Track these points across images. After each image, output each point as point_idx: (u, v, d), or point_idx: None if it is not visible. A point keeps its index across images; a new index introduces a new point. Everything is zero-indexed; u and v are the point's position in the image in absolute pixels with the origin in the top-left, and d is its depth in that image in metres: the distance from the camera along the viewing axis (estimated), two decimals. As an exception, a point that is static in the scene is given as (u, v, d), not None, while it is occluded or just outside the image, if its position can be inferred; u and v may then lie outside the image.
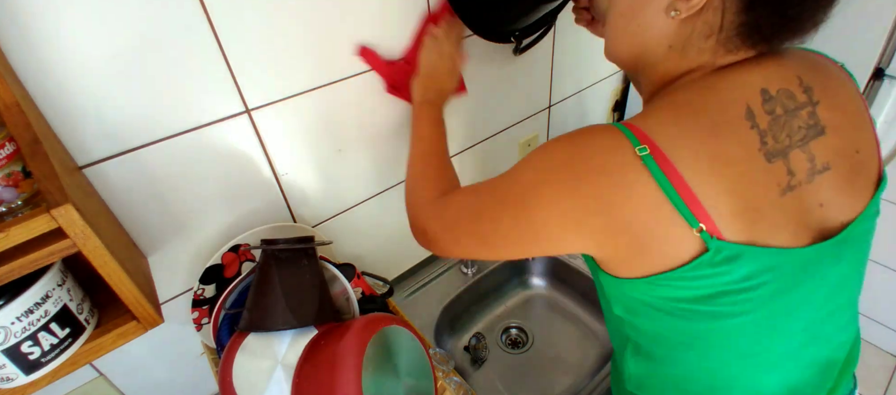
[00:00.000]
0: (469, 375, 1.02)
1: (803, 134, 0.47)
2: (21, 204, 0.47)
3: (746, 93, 0.46)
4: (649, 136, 0.44)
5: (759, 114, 0.46)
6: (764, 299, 0.47)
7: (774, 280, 0.46)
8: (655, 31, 0.50)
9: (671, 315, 0.50)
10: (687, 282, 0.45)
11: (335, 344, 0.57)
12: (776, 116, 0.46)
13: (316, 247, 0.70)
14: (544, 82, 1.12)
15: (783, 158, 0.46)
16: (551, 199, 0.47)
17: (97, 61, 0.54)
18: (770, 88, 0.47)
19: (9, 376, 0.48)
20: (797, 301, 0.49)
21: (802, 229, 0.47)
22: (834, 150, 0.48)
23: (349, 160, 0.85)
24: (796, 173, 0.46)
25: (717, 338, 0.50)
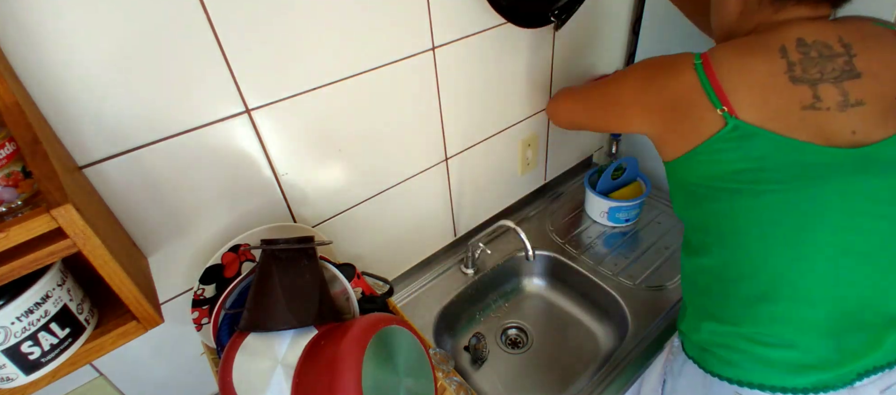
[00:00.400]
0: (469, 375, 1.02)
1: (837, 74, 0.58)
2: (21, 204, 0.47)
3: (784, 38, 0.60)
4: (707, 54, 0.64)
5: (791, 51, 0.59)
6: (785, 183, 0.57)
7: (792, 167, 0.57)
8: (730, 9, 0.70)
9: (706, 198, 0.64)
10: (714, 155, 0.61)
11: (335, 344, 0.57)
12: (809, 57, 0.59)
13: (316, 247, 0.70)
14: (544, 82, 1.12)
15: (809, 85, 0.58)
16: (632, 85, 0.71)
17: (97, 61, 0.54)
18: (807, 38, 0.60)
19: (9, 376, 0.48)
20: (827, 199, 0.57)
21: (822, 140, 0.57)
22: (870, 91, 0.57)
23: (349, 160, 0.85)
24: (825, 100, 0.57)
25: (750, 220, 0.61)
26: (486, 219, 1.23)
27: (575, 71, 1.18)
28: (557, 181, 1.38)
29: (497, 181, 1.18)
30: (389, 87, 0.82)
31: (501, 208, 1.25)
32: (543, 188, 1.35)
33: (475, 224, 1.21)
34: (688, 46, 1.09)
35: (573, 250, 1.16)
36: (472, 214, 1.18)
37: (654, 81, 0.67)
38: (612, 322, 1.07)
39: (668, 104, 0.65)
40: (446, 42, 0.86)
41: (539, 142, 1.22)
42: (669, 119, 0.65)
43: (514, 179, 1.22)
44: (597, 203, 1.22)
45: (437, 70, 0.88)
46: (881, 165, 0.57)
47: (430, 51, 0.85)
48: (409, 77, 0.84)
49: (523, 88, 1.07)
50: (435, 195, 1.05)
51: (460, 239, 1.19)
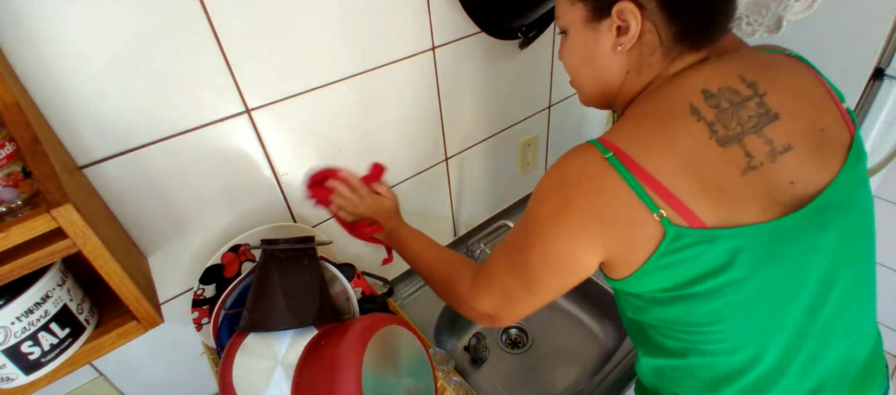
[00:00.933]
0: (469, 375, 1.02)
1: (755, 121, 0.51)
2: (21, 204, 0.47)
3: (689, 94, 0.52)
4: (613, 142, 0.51)
5: (703, 109, 0.51)
6: (747, 273, 0.50)
7: (753, 254, 0.49)
8: (611, 67, 0.58)
9: (667, 306, 0.54)
10: (666, 269, 0.50)
11: (335, 344, 0.57)
12: (722, 109, 0.51)
13: (316, 247, 0.70)
14: (544, 82, 1.12)
15: (737, 143, 0.50)
16: (556, 221, 0.53)
17: (97, 61, 0.54)
18: (710, 87, 0.52)
19: (9, 376, 0.48)
20: (789, 273, 0.51)
21: (773, 205, 0.50)
22: (793, 131, 0.52)
23: (349, 160, 0.85)
24: (755, 155, 0.50)
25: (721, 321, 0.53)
26: (486, 219, 1.23)
27: (575, 71, 1.18)
28: (557, 181, 1.38)
29: (497, 181, 1.18)
30: (389, 86, 0.82)
31: (501, 208, 1.25)
32: (543, 188, 1.35)
33: (475, 224, 1.21)
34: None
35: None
36: (472, 214, 1.18)
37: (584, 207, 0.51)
38: (612, 322, 1.07)
39: (608, 225, 0.50)
40: (446, 42, 0.86)
41: (539, 142, 1.22)
42: (616, 243, 0.51)
43: (513, 179, 1.22)
44: None
45: (436, 70, 0.88)
46: (835, 209, 0.52)
47: (430, 51, 0.85)
48: (408, 77, 0.84)
49: (523, 89, 1.07)
50: (435, 195, 1.05)
51: (460, 239, 1.19)
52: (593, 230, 0.51)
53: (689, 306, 0.53)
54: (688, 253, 0.48)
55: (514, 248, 0.60)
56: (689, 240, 0.48)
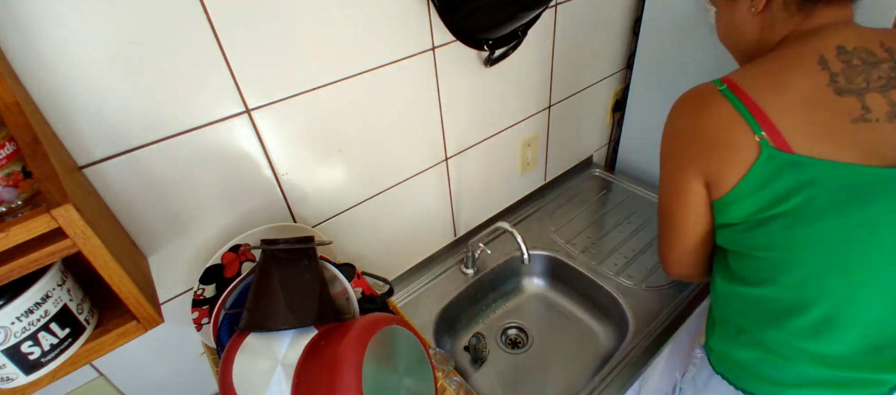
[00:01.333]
0: (469, 375, 1.02)
1: (884, 83, 0.54)
2: (21, 204, 0.47)
3: (822, 47, 0.56)
4: (730, 78, 0.58)
5: (831, 60, 0.55)
6: (836, 208, 0.54)
7: (842, 191, 0.53)
8: (750, 27, 0.66)
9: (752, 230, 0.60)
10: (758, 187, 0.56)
11: (335, 344, 0.57)
12: (852, 65, 0.55)
13: (316, 247, 0.70)
14: (544, 82, 1.12)
15: (856, 96, 0.54)
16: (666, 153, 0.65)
17: (97, 61, 0.54)
18: (847, 45, 0.56)
19: (9, 376, 0.48)
20: (881, 222, 0.54)
21: (875, 157, 0.53)
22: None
23: (349, 160, 0.85)
24: (873, 110, 0.53)
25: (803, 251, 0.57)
26: (487, 219, 1.23)
27: (575, 70, 1.18)
28: (557, 181, 1.38)
29: (497, 181, 1.18)
30: (390, 86, 0.82)
31: (501, 208, 1.25)
32: (543, 188, 1.35)
33: (475, 224, 1.21)
34: (688, 48, 1.10)
35: (573, 250, 1.16)
36: (472, 214, 1.18)
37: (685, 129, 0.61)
38: (612, 322, 1.07)
39: (709, 143, 0.58)
40: (446, 42, 0.86)
41: (539, 142, 1.22)
42: (713, 159, 0.58)
43: (514, 179, 1.22)
44: None
45: (437, 70, 0.88)
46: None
47: (431, 51, 0.85)
48: (409, 77, 0.84)
49: (523, 88, 1.07)
50: (435, 195, 1.05)
51: (460, 239, 1.19)
52: (694, 150, 0.60)
53: (768, 230, 0.58)
54: (776, 174, 0.54)
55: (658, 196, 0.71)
56: (780, 161, 0.53)
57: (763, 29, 0.64)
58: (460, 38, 0.85)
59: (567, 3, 1.03)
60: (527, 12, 0.81)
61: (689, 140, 0.60)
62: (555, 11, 1.02)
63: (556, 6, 1.02)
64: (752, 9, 0.63)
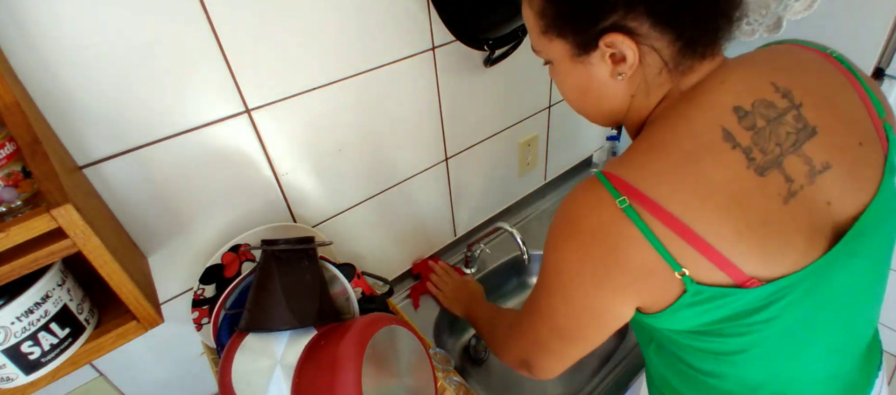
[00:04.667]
0: (469, 375, 1.02)
1: (794, 139, 0.46)
2: (21, 204, 0.46)
3: (719, 115, 0.46)
4: (629, 182, 0.44)
5: (738, 133, 0.45)
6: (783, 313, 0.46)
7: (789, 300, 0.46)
8: (613, 93, 0.51)
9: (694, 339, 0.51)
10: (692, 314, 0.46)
11: (335, 344, 0.57)
12: (758, 129, 0.45)
13: (316, 247, 0.70)
14: (544, 82, 1.12)
15: (777, 167, 0.45)
16: (579, 274, 0.48)
17: (97, 61, 0.54)
18: (743, 103, 0.46)
19: (9, 376, 0.48)
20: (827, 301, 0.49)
21: (816, 234, 0.46)
22: (832, 147, 0.47)
23: (349, 160, 0.85)
24: (795, 178, 0.45)
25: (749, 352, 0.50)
26: (487, 219, 1.23)
27: (575, 71, 1.18)
28: (557, 181, 1.38)
29: (497, 182, 1.18)
30: (389, 87, 0.82)
31: (501, 209, 1.25)
32: (543, 188, 1.35)
33: (475, 224, 1.21)
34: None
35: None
36: (472, 214, 1.18)
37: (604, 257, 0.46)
38: (612, 322, 1.07)
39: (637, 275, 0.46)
40: (446, 42, 0.86)
41: (539, 142, 1.22)
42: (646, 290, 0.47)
43: (514, 179, 1.22)
44: None
45: (437, 70, 0.88)
46: (870, 235, 0.48)
47: (430, 51, 0.85)
48: (409, 77, 0.84)
49: (523, 89, 1.07)
50: (435, 195, 1.05)
51: (460, 239, 1.19)
52: (624, 287, 0.47)
53: (715, 341, 0.50)
54: (716, 303, 0.45)
55: (543, 303, 0.55)
56: (710, 295, 0.44)
57: (635, 95, 0.51)
58: (460, 38, 0.84)
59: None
60: (527, 12, 0.81)
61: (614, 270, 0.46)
62: (555, 11, 1.02)
63: (556, 6, 1.02)
64: (618, 76, 0.49)
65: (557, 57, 0.52)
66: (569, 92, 0.55)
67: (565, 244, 0.49)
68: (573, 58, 0.50)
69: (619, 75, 0.49)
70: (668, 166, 0.45)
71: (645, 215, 0.43)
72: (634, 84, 0.50)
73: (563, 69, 0.52)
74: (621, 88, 0.51)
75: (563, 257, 0.50)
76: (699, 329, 0.49)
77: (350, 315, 0.73)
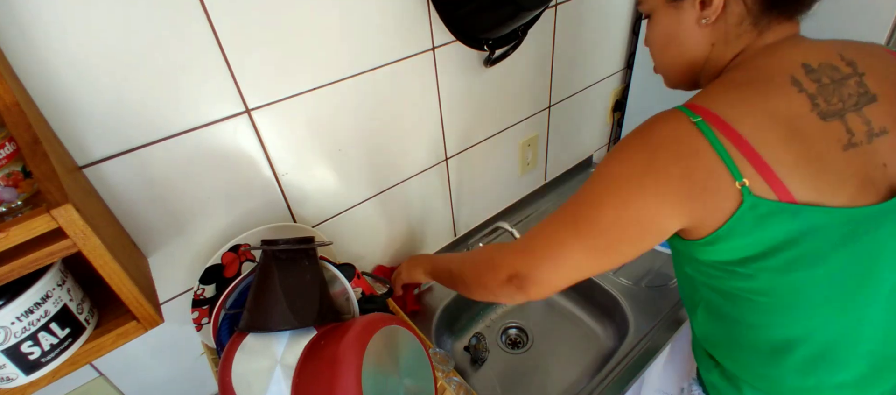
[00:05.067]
0: (469, 375, 1.02)
1: (855, 100, 0.51)
2: (21, 204, 0.47)
3: (789, 66, 0.51)
4: (704, 107, 0.50)
5: (804, 82, 0.50)
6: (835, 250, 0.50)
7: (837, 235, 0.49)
8: (696, 41, 0.58)
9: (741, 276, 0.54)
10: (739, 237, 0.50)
11: (335, 345, 0.57)
12: (823, 84, 0.50)
13: (316, 247, 0.70)
14: (544, 82, 1.12)
15: (839, 118, 0.50)
16: (642, 182, 0.51)
17: (97, 61, 0.54)
18: (810, 61, 0.52)
19: (9, 376, 0.48)
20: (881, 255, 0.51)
21: (869, 185, 0.49)
22: (890, 115, 0.51)
23: (349, 160, 0.85)
24: (855, 133, 0.50)
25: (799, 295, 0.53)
26: (487, 219, 1.23)
27: (575, 71, 1.18)
28: (557, 181, 1.38)
29: (497, 181, 1.18)
30: (389, 87, 0.82)
31: (501, 209, 1.25)
32: (544, 188, 1.35)
33: (475, 224, 1.21)
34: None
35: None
36: (472, 214, 1.18)
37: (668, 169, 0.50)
38: (612, 322, 1.07)
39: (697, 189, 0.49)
40: (446, 42, 0.86)
41: (539, 142, 1.22)
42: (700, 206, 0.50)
43: (514, 179, 1.22)
44: None
45: (437, 70, 0.88)
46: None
47: (431, 51, 0.85)
48: (409, 77, 0.84)
49: (523, 88, 1.07)
50: (435, 195, 1.05)
51: (460, 239, 1.19)
52: (683, 194, 0.49)
53: (760, 277, 0.53)
54: (765, 223, 0.48)
55: (577, 207, 0.56)
56: (768, 210, 0.47)
57: (715, 44, 0.57)
58: (460, 38, 0.85)
59: (567, 3, 1.03)
60: (527, 12, 0.81)
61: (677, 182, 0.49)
62: (555, 11, 1.02)
63: (556, 6, 1.02)
64: (703, 20, 0.55)
65: (656, 5, 0.59)
66: (658, 40, 0.62)
67: (631, 153, 0.53)
68: (668, 3, 0.58)
69: (703, 20, 0.55)
70: (740, 98, 0.51)
71: (715, 131, 0.48)
72: (716, 33, 0.56)
73: (658, 17, 0.60)
74: (704, 36, 0.57)
75: (626, 166, 0.53)
76: (747, 258, 0.51)
77: (350, 315, 0.73)
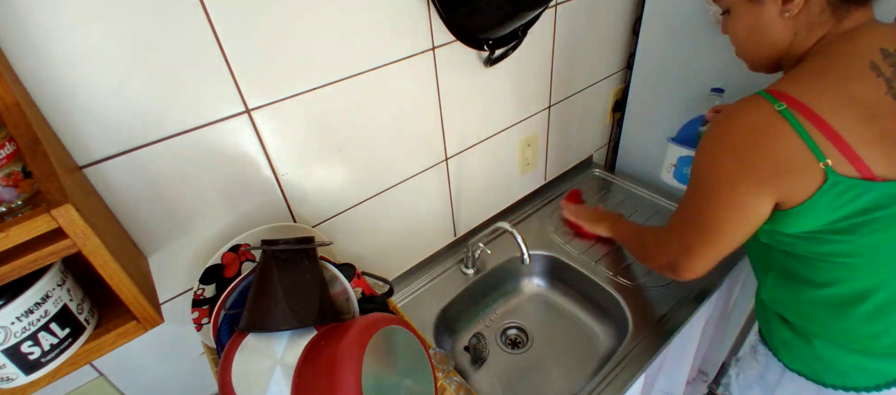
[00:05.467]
0: (469, 375, 1.02)
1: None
2: (21, 204, 0.47)
3: (867, 51, 0.56)
4: (786, 92, 0.56)
5: (882, 66, 0.55)
6: None
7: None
8: (779, 33, 0.62)
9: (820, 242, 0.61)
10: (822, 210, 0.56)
11: (335, 344, 0.57)
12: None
13: (316, 247, 0.70)
14: (544, 82, 1.12)
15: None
16: (733, 180, 0.59)
17: (97, 61, 0.54)
18: (888, 47, 0.57)
19: (9, 376, 0.48)
20: None
21: None
22: None
23: (349, 160, 0.85)
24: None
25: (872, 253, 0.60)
26: (487, 219, 1.23)
27: (575, 70, 1.18)
28: (557, 181, 1.38)
29: (497, 181, 1.18)
30: (390, 87, 0.82)
31: (501, 208, 1.25)
32: (544, 188, 1.35)
33: (475, 224, 1.21)
34: (688, 48, 1.10)
35: (573, 250, 1.16)
36: (472, 214, 1.18)
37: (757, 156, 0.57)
38: (612, 322, 1.07)
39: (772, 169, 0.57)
40: (446, 42, 0.86)
41: (539, 142, 1.22)
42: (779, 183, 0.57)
43: (514, 179, 1.22)
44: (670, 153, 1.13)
45: (436, 70, 0.88)
46: None
47: (431, 51, 0.85)
48: (409, 77, 0.84)
49: (523, 88, 1.07)
50: (435, 195, 1.05)
51: (460, 239, 1.19)
52: (770, 181, 0.57)
53: (838, 242, 0.59)
54: (846, 197, 0.54)
55: (691, 208, 0.67)
56: (850, 185, 0.54)
57: (798, 33, 0.61)
58: (460, 38, 0.85)
59: (567, 3, 1.03)
60: (527, 12, 0.81)
61: (763, 170, 0.57)
62: (555, 11, 1.02)
63: (556, 6, 1.02)
64: (786, 13, 0.60)
65: (736, 1, 0.64)
66: (740, 33, 0.67)
67: (719, 145, 0.60)
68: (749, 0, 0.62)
69: (786, 13, 0.60)
70: (821, 84, 0.56)
71: (798, 116, 0.54)
72: (798, 23, 0.60)
73: (739, 12, 0.65)
74: (786, 27, 0.61)
75: (716, 158, 0.60)
76: (829, 227, 0.58)
77: (350, 315, 0.73)
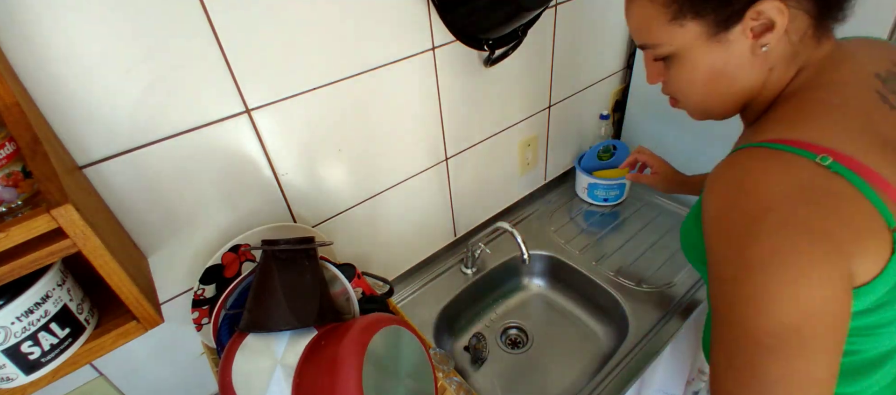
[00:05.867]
0: (469, 375, 1.02)
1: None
2: (21, 204, 0.47)
3: (865, 80, 0.47)
4: (815, 143, 0.42)
5: (888, 95, 0.47)
6: None
7: None
8: (752, 73, 0.49)
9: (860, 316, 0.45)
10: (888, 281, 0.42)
11: (336, 345, 0.57)
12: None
13: (316, 247, 0.70)
14: (544, 82, 1.12)
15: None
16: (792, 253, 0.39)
17: (97, 61, 0.54)
18: (879, 71, 0.48)
19: (9, 376, 0.48)
20: None
21: None
22: None
23: (349, 160, 0.85)
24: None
25: None
26: (487, 219, 1.23)
27: (575, 70, 1.18)
28: (557, 181, 1.38)
29: (497, 181, 1.18)
30: (390, 87, 0.82)
31: (501, 208, 1.25)
32: (543, 188, 1.35)
33: (475, 224, 1.21)
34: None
35: (574, 250, 1.16)
36: (472, 214, 1.18)
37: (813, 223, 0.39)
38: (612, 322, 1.07)
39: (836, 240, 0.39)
40: (446, 42, 0.86)
41: (539, 142, 1.22)
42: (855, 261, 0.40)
43: (514, 179, 1.22)
44: (580, 179, 1.31)
45: (437, 70, 0.88)
46: None
47: (431, 51, 0.85)
48: (409, 77, 0.84)
49: (523, 88, 1.07)
50: (435, 195, 1.05)
51: (460, 239, 1.19)
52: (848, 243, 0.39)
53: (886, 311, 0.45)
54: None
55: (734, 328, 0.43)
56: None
57: (773, 68, 0.49)
58: (460, 38, 0.85)
59: (567, 3, 1.03)
60: (526, 12, 0.81)
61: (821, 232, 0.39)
62: (555, 11, 1.02)
63: (556, 6, 1.02)
64: (762, 47, 0.47)
65: (687, 44, 0.49)
66: (698, 79, 0.51)
67: (759, 227, 0.40)
68: (709, 38, 0.48)
69: (763, 47, 0.47)
70: (848, 125, 0.43)
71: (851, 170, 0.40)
72: (774, 56, 0.48)
73: (694, 56, 0.50)
74: (760, 63, 0.49)
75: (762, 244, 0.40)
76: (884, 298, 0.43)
77: (350, 315, 0.73)
